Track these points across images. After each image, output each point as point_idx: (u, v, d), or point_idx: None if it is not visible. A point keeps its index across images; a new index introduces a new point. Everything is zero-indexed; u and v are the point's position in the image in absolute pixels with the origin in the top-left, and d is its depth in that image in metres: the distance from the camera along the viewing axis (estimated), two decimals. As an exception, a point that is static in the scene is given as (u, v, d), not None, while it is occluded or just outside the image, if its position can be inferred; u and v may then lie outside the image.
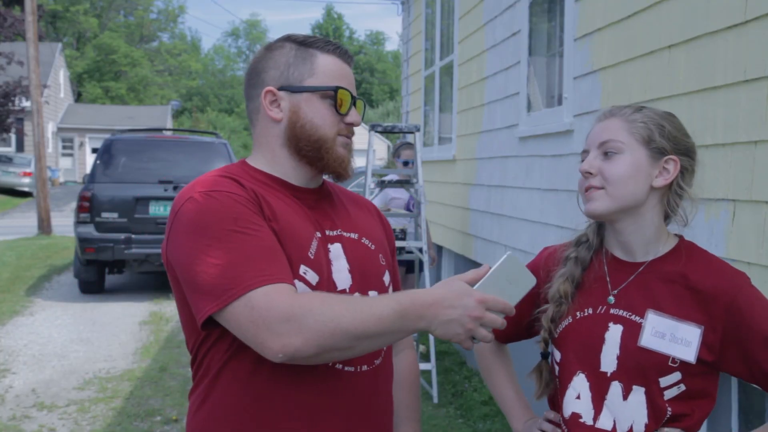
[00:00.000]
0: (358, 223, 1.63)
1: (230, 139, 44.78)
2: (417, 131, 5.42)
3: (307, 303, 1.31)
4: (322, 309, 1.30)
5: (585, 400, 1.51)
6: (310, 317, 1.29)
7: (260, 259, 1.36)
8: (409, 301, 1.33)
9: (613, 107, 1.57)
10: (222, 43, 71.74)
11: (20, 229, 16.20)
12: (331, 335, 1.29)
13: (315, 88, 1.52)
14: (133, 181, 8.68)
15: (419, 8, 7.92)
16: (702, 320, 1.46)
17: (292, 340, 1.29)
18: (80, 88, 47.82)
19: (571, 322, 1.56)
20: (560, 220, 3.86)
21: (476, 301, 1.32)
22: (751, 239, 2.30)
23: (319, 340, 1.29)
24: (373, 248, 1.62)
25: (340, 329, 1.30)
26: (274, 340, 1.30)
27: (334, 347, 1.31)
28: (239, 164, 1.58)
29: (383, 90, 60.29)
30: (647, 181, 1.50)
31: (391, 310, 1.31)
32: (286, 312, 1.30)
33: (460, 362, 5.93)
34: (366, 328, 1.30)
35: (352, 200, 1.71)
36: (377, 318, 1.30)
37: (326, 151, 1.52)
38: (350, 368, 1.49)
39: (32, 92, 15.35)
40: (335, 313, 1.30)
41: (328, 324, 1.29)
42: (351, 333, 1.30)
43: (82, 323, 7.54)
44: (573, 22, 3.82)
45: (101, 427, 4.67)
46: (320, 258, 1.49)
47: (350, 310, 1.31)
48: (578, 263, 1.59)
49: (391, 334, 1.35)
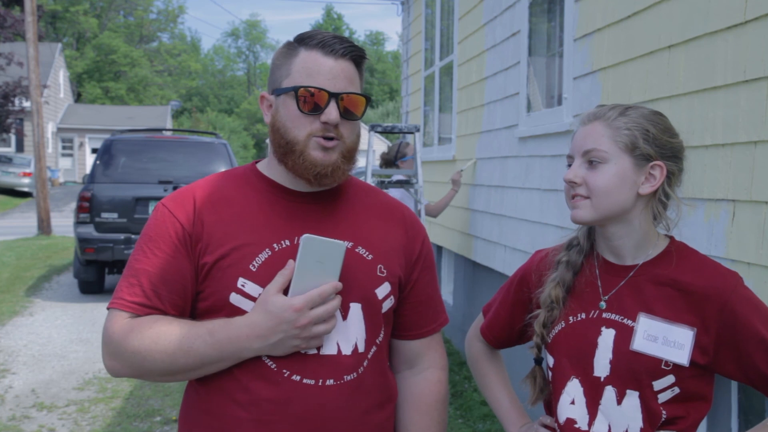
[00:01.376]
0: (362, 231, 1.55)
1: (230, 139, 44.84)
2: (417, 131, 5.42)
3: (125, 334, 1.43)
4: (133, 343, 1.42)
5: (579, 406, 1.50)
6: (123, 347, 1.44)
7: (133, 281, 1.47)
8: (223, 336, 1.41)
9: (598, 108, 1.53)
10: (222, 44, 71.84)
11: (20, 230, 16.20)
12: (141, 367, 1.44)
13: (285, 90, 1.48)
14: (133, 181, 8.68)
15: (419, 8, 7.91)
16: (694, 322, 1.45)
17: (113, 363, 1.47)
18: (80, 88, 47.81)
19: (563, 327, 1.55)
20: (560, 220, 3.86)
21: (295, 310, 1.37)
22: (751, 239, 2.30)
23: (133, 370, 1.46)
24: (370, 258, 1.53)
25: (149, 363, 1.42)
26: (105, 358, 1.48)
27: (148, 374, 1.46)
28: (247, 165, 1.62)
29: (383, 90, 60.31)
30: (633, 189, 1.48)
31: (202, 343, 1.40)
32: (110, 337, 1.46)
33: (460, 362, 5.93)
34: (174, 362, 1.41)
35: (373, 206, 1.62)
36: (185, 352, 1.40)
37: (298, 154, 1.45)
38: (310, 381, 1.44)
39: (32, 92, 15.35)
40: (144, 347, 1.41)
41: (137, 356, 1.42)
42: (159, 368, 1.42)
43: (81, 323, 7.54)
44: (573, 23, 3.82)
45: (101, 427, 4.67)
46: (273, 268, 1.44)
47: (160, 344, 1.41)
48: (569, 267, 1.57)
49: (212, 364, 1.43)
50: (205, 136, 10.41)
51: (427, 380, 1.64)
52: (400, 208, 1.66)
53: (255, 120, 54.97)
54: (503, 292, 1.74)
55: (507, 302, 1.71)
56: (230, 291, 1.44)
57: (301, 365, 1.44)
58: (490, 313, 1.76)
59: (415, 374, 1.64)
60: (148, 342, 1.41)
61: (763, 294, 2.21)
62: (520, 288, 1.68)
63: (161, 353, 1.41)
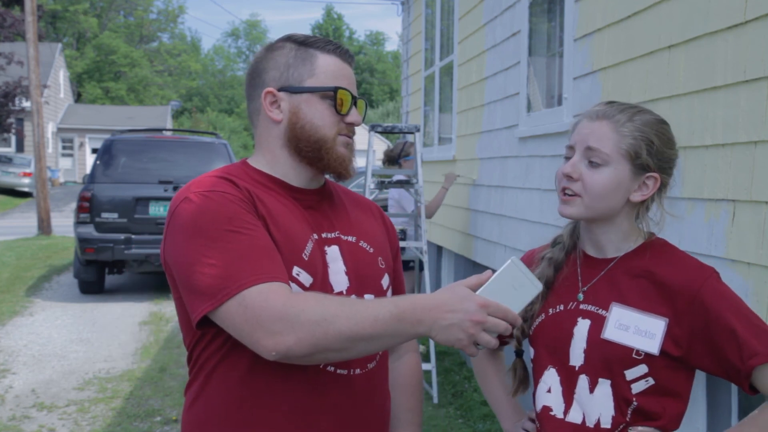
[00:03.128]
0: (358, 226, 1.63)
1: (230, 139, 44.80)
2: (417, 131, 5.43)
3: (302, 302, 1.31)
4: (316, 309, 1.30)
5: (555, 394, 1.54)
6: (303, 316, 1.29)
7: (254, 258, 1.36)
8: (408, 305, 1.30)
9: (607, 107, 1.55)
10: (222, 44, 71.75)
11: (20, 230, 16.21)
12: (324, 335, 1.29)
13: (315, 89, 1.52)
14: (133, 181, 8.69)
15: (419, 8, 7.92)
16: (667, 314, 1.47)
17: (285, 339, 1.29)
18: (80, 88, 47.82)
19: (543, 319, 1.59)
20: (560, 220, 3.85)
21: (478, 305, 1.28)
22: (751, 239, 2.30)
23: (313, 340, 1.29)
24: (372, 251, 1.62)
25: (333, 329, 1.28)
26: (268, 339, 1.30)
27: (328, 348, 1.30)
28: (239, 164, 1.59)
29: (383, 90, 60.30)
30: (625, 195, 1.52)
31: (388, 312, 1.29)
32: (280, 311, 1.30)
33: (460, 362, 5.93)
34: (361, 329, 1.29)
35: (354, 202, 1.70)
36: (373, 320, 1.29)
37: (326, 151, 1.52)
38: (343, 371, 1.50)
39: (32, 92, 15.35)
40: (330, 313, 1.29)
41: (321, 324, 1.28)
42: (345, 334, 1.29)
43: (82, 323, 7.54)
44: (573, 23, 3.83)
45: (101, 427, 4.67)
46: (315, 260, 1.49)
47: (345, 311, 1.30)
48: (551, 264, 1.62)
49: (388, 338, 1.32)
50: (205, 136, 10.43)
51: (408, 364, 1.75)
52: (370, 202, 1.77)
53: (255, 120, 54.79)
54: None
55: None
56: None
57: None
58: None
59: (396, 359, 1.74)
60: (332, 309, 1.30)
61: (763, 294, 2.21)
62: None
63: (347, 319, 1.29)
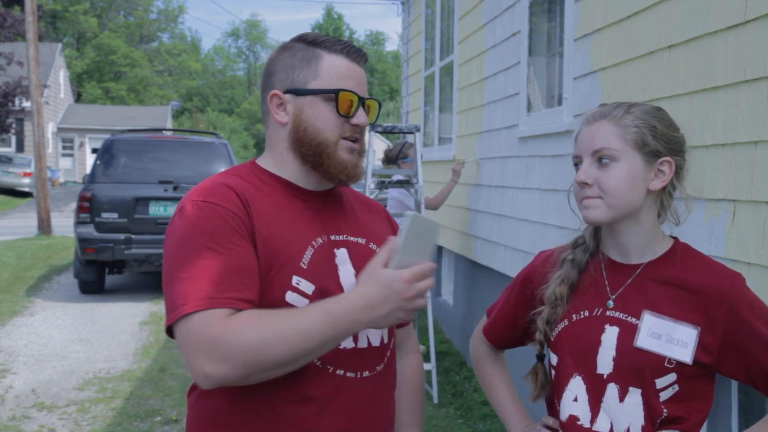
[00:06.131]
0: (366, 228, 1.62)
1: (230, 139, 44.83)
2: (417, 131, 5.43)
3: (237, 328, 1.31)
4: (250, 335, 1.30)
5: (582, 403, 1.51)
6: (236, 344, 1.30)
7: (218, 281, 1.35)
8: (341, 310, 1.34)
9: (601, 108, 1.54)
10: (222, 44, 71.81)
11: (20, 230, 16.21)
12: (257, 362, 1.31)
13: (317, 91, 1.49)
14: (133, 181, 8.68)
15: (419, 8, 7.92)
16: (699, 321, 1.45)
17: (220, 367, 1.30)
18: (80, 88, 47.82)
19: (567, 324, 1.55)
20: (560, 220, 3.86)
21: (405, 282, 1.34)
22: (751, 239, 2.30)
23: (244, 370, 1.31)
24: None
25: (266, 355, 1.31)
26: (201, 367, 1.31)
27: (263, 370, 1.33)
28: (249, 165, 1.59)
29: (383, 90, 60.31)
30: (644, 186, 1.49)
31: (320, 323, 1.33)
32: (214, 339, 1.30)
33: (460, 362, 5.93)
34: (294, 348, 1.31)
35: (362, 204, 1.69)
36: (304, 336, 1.32)
37: (327, 156, 1.50)
38: (352, 374, 1.49)
39: (32, 92, 15.35)
40: (262, 338, 1.30)
41: (254, 351, 1.30)
42: (280, 356, 1.31)
43: (82, 323, 7.54)
44: (573, 23, 3.83)
45: (101, 427, 4.67)
46: (317, 266, 1.47)
47: (278, 330, 1.31)
48: (574, 265, 1.58)
49: (326, 345, 1.36)
50: (205, 136, 10.42)
51: (410, 365, 1.77)
52: (377, 204, 1.76)
53: (255, 120, 54.97)
54: (507, 292, 1.75)
55: (510, 301, 1.72)
56: (286, 290, 1.43)
57: (343, 360, 1.48)
58: (494, 313, 1.77)
59: (398, 360, 1.73)
60: (264, 333, 1.31)
61: (764, 294, 2.21)
62: (523, 287, 1.68)
63: (278, 343, 1.31)
